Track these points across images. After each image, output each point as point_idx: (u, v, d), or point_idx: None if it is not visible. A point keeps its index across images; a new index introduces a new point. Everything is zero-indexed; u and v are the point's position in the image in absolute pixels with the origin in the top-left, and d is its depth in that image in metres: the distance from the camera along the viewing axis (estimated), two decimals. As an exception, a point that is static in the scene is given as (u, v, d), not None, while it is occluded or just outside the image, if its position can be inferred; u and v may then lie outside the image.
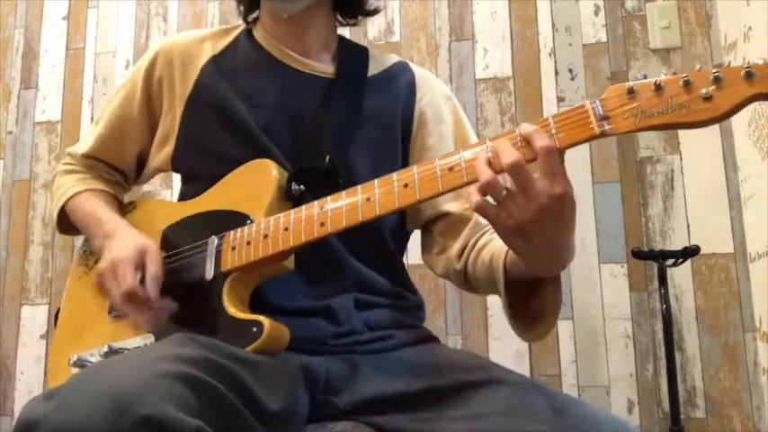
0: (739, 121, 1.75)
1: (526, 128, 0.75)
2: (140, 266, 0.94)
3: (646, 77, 0.73)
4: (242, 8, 1.17)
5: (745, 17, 1.73)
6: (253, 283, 0.95)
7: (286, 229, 0.90)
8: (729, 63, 0.71)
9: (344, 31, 1.19)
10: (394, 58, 1.19)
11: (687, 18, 1.92)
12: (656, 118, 0.71)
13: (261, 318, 0.87)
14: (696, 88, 0.70)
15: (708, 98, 0.69)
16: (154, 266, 0.94)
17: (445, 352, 1.04)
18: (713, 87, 0.69)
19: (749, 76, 0.68)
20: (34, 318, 2.11)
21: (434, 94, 1.15)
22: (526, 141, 0.75)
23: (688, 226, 1.83)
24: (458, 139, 1.13)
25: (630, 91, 0.73)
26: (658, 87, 0.72)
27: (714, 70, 0.69)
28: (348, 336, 0.98)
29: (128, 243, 0.97)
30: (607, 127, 0.73)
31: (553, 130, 0.75)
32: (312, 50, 1.12)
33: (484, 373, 0.88)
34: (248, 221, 0.95)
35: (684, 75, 0.71)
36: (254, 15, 1.17)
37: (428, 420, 0.84)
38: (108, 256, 0.97)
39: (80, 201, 1.11)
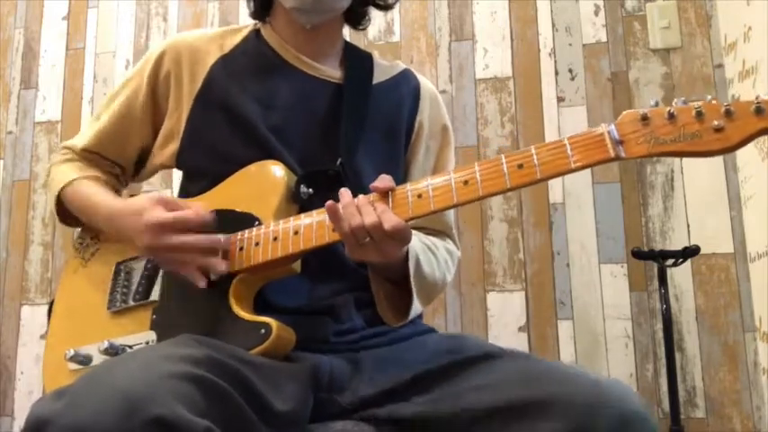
0: (739, 121, 1.75)
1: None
2: (171, 227, 0.93)
3: (658, 104, 0.76)
4: (253, 7, 1.16)
5: (745, 17, 1.73)
6: (258, 284, 0.95)
7: (296, 232, 0.91)
8: (739, 97, 0.73)
9: (345, 31, 1.19)
10: (399, 66, 1.20)
11: (687, 18, 1.92)
12: (669, 145, 0.74)
13: (268, 320, 0.88)
14: (708, 119, 0.73)
15: (719, 129, 0.72)
16: (176, 209, 0.94)
17: (442, 337, 1.05)
18: (724, 120, 0.72)
19: (759, 111, 0.71)
20: (34, 318, 2.11)
21: (434, 109, 1.18)
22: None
23: (688, 226, 1.83)
24: (439, 160, 1.17)
25: (644, 117, 0.76)
26: (671, 116, 0.74)
27: (725, 104, 0.72)
28: (350, 333, 0.99)
29: (137, 221, 0.95)
30: (622, 151, 0.76)
31: (569, 152, 0.78)
32: (322, 55, 1.13)
33: (480, 349, 0.90)
34: (256, 223, 0.95)
35: (697, 105, 0.73)
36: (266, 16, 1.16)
37: (431, 401, 0.86)
38: (141, 243, 0.95)
39: (76, 187, 1.09)
